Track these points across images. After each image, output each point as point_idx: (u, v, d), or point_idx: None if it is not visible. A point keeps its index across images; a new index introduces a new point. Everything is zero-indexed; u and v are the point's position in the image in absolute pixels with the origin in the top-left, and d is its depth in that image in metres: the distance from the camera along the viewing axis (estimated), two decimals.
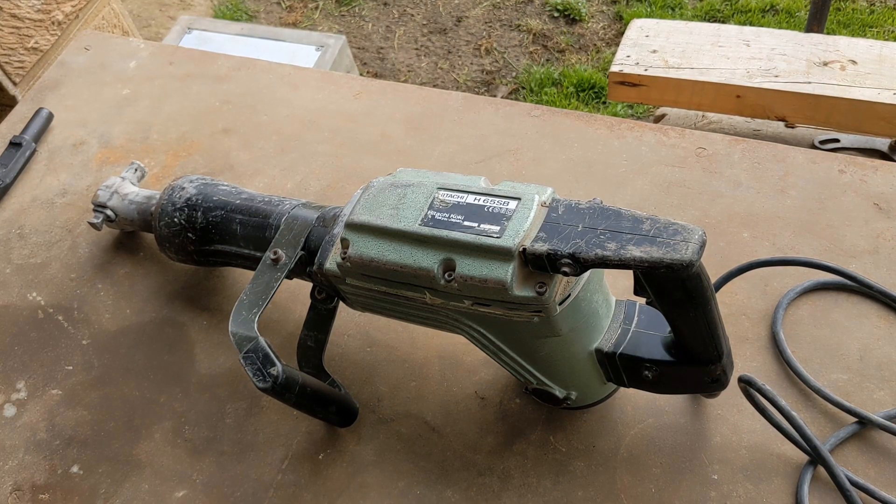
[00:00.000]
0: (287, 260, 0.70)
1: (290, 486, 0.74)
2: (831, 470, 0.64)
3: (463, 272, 0.59)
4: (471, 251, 0.59)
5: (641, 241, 0.54)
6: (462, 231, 0.59)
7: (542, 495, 0.70)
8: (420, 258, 0.60)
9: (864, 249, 0.82)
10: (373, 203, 0.64)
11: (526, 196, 0.59)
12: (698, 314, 0.58)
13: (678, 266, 0.52)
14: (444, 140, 0.99)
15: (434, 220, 0.60)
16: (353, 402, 0.74)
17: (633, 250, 0.54)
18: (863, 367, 0.74)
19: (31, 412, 0.81)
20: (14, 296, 0.91)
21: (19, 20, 1.58)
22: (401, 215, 0.62)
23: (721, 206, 0.88)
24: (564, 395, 0.69)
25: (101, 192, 0.89)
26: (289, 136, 1.03)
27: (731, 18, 2.42)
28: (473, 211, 0.60)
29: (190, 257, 0.83)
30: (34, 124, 1.06)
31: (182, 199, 0.80)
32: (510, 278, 0.57)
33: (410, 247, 0.61)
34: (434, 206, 0.61)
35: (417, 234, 0.60)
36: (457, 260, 0.59)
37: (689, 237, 0.53)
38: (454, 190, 0.62)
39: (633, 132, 0.96)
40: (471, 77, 2.43)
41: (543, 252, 0.56)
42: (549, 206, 0.59)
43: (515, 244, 0.57)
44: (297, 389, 0.66)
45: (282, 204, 0.76)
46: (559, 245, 0.56)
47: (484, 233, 0.58)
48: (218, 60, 1.15)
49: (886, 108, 1.31)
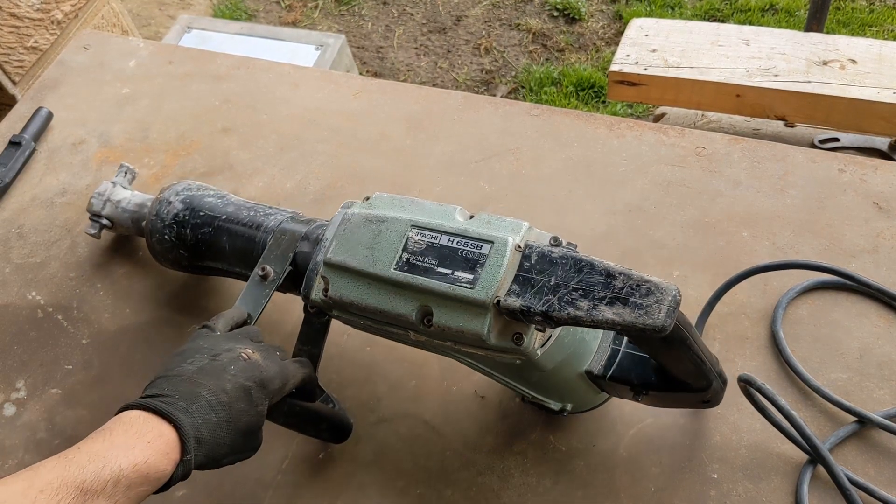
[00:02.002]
0: (276, 276, 0.71)
1: (290, 486, 0.73)
2: (831, 469, 0.64)
3: (440, 322, 0.58)
4: (446, 300, 0.58)
5: (614, 301, 0.53)
6: (436, 279, 0.58)
7: (542, 495, 0.70)
8: (397, 304, 0.60)
9: (863, 248, 0.82)
10: (349, 240, 0.63)
11: (499, 240, 0.58)
12: (681, 355, 0.59)
13: (651, 330, 0.52)
14: (443, 139, 0.99)
15: (409, 265, 0.60)
16: (345, 418, 0.72)
17: (605, 311, 0.53)
18: (862, 366, 0.74)
19: (30, 411, 0.81)
20: (14, 295, 0.91)
21: (19, 19, 1.58)
22: (376, 257, 0.61)
23: (721, 205, 0.88)
24: (560, 408, 0.69)
25: (94, 201, 0.88)
26: (288, 136, 1.03)
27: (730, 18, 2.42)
28: (447, 255, 0.59)
29: (186, 270, 0.83)
30: (33, 123, 1.06)
31: (170, 216, 0.80)
32: (486, 330, 0.57)
33: (387, 292, 0.61)
34: (408, 247, 0.61)
35: (393, 279, 0.60)
36: (433, 308, 0.59)
37: (662, 298, 0.52)
38: (428, 229, 0.61)
39: (632, 131, 0.96)
40: (470, 76, 2.43)
41: (517, 307, 0.56)
42: (522, 250, 0.58)
43: (489, 297, 0.56)
44: (284, 409, 0.65)
45: (268, 218, 0.76)
46: (532, 301, 0.55)
47: (458, 281, 0.58)
48: (217, 60, 1.14)
49: (886, 108, 1.31)
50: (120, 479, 0.49)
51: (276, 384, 0.60)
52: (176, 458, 0.52)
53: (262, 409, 0.58)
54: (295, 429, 0.69)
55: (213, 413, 0.55)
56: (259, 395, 0.58)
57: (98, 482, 0.48)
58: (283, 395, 0.62)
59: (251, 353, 0.60)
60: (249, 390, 0.57)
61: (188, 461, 0.52)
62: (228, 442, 0.56)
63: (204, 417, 0.54)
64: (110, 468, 0.49)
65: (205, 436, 0.54)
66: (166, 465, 0.51)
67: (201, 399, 0.55)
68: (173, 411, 0.53)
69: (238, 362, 0.59)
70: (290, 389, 0.63)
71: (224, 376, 0.57)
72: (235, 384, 0.57)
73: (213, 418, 0.55)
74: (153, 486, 0.51)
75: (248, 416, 0.57)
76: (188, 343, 0.61)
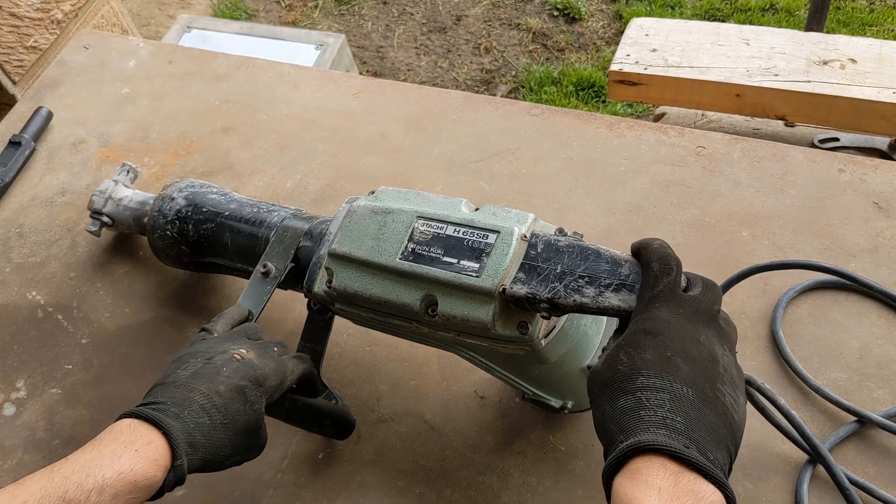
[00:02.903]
0: (277, 273, 0.71)
1: (290, 485, 0.73)
2: (831, 469, 0.64)
3: (445, 310, 0.58)
4: (451, 289, 0.58)
5: (620, 288, 0.54)
6: (442, 267, 0.58)
7: (542, 494, 0.70)
8: (402, 294, 0.60)
9: (863, 248, 0.82)
10: (354, 231, 0.63)
11: (505, 229, 0.58)
12: None
13: None
14: (443, 139, 0.99)
15: (414, 255, 0.60)
16: (349, 414, 0.72)
17: (611, 298, 0.54)
18: (862, 365, 0.74)
19: (30, 411, 0.81)
20: (13, 295, 0.91)
21: (18, 19, 1.58)
22: (381, 248, 0.61)
23: (720, 204, 0.88)
24: (561, 405, 0.69)
25: (95, 199, 0.88)
26: (288, 135, 1.03)
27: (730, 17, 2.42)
28: (452, 244, 0.59)
29: (187, 267, 0.83)
30: (33, 123, 1.06)
31: (172, 212, 0.80)
32: (491, 319, 0.57)
33: (392, 282, 0.61)
34: (414, 237, 0.61)
35: (398, 269, 0.60)
36: (438, 297, 0.59)
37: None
38: (433, 220, 0.61)
39: (632, 131, 0.96)
40: (470, 76, 2.43)
41: (522, 295, 0.56)
42: (528, 240, 0.58)
43: (495, 285, 0.56)
44: (286, 405, 0.65)
45: (270, 214, 0.76)
46: (538, 288, 0.55)
47: (463, 270, 0.58)
48: (217, 59, 1.14)
49: (886, 107, 1.30)
50: (104, 488, 0.49)
51: (273, 381, 0.60)
52: (166, 464, 0.52)
53: (258, 406, 0.58)
54: (298, 425, 0.69)
55: (207, 416, 0.55)
56: (255, 393, 0.58)
57: (81, 492, 0.48)
58: (282, 391, 0.62)
59: (245, 352, 0.60)
60: (244, 389, 0.57)
61: (179, 466, 0.52)
62: (228, 443, 0.56)
63: (196, 421, 0.54)
64: (94, 478, 0.49)
65: (199, 439, 0.54)
66: (156, 471, 0.51)
67: (194, 403, 0.55)
68: (162, 418, 0.53)
69: (231, 363, 0.59)
70: (289, 385, 0.63)
71: (217, 378, 0.57)
72: (229, 385, 0.57)
73: (208, 421, 0.55)
74: (144, 493, 0.51)
75: (245, 416, 0.57)
76: (186, 349, 0.62)
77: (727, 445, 0.45)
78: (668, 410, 0.44)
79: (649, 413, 0.45)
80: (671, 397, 0.45)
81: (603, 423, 0.48)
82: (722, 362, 0.49)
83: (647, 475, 0.42)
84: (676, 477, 0.41)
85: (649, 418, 0.44)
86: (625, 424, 0.45)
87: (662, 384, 0.46)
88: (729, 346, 0.51)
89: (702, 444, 0.43)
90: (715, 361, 0.48)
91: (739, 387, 0.49)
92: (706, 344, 0.49)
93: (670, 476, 0.42)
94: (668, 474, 0.42)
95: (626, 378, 0.47)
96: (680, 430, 0.43)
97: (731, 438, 0.46)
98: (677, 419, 0.44)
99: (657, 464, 0.42)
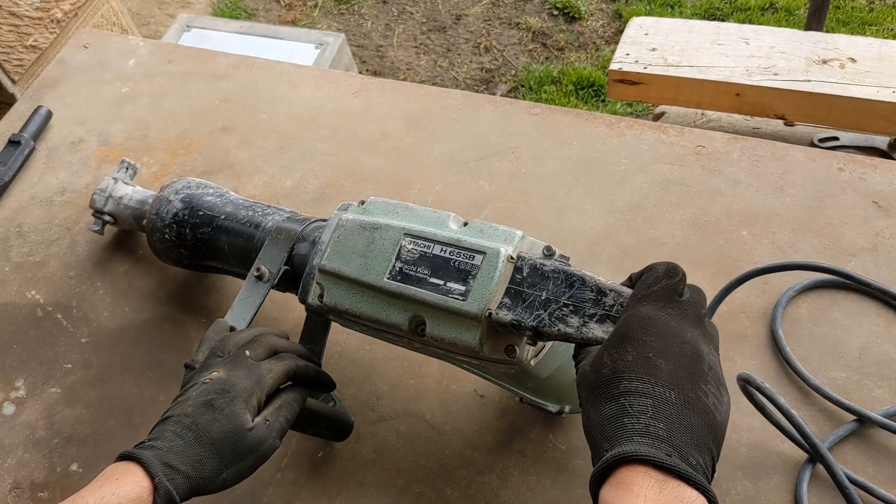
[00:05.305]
0: (271, 276, 0.71)
1: (290, 484, 0.73)
2: (830, 468, 0.64)
3: (433, 332, 0.59)
4: (439, 311, 0.58)
5: (604, 319, 0.54)
6: (429, 289, 0.59)
7: (542, 493, 0.70)
8: (391, 314, 0.60)
9: (863, 247, 0.82)
10: (343, 247, 0.63)
11: (491, 250, 0.58)
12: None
13: None
14: (443, 138, 0.99)
15: (402, 275, 0.60)
16: (347, 416, 0.72)
17: (594, 329, 0.54)
18: (862, 364, 0.74)
19: (30, 410, 0.81)
20: (13, 294, 0.91)
21: (18, 18, 1.58)
22: (369, 266, 0.61)
23: (720, 204, 0.88)
24: (558, 409, 0.69)
25: (96, 198, 0.88)
26: (288, 135, 1.03)
27: (730, 16, 2.42)
28: (439, 265, 0.59)
29: (188, 268, 0.84)
30: (33, 122, 1.06)
31: (169, 215, 0.80)
32: (478, 342, 0.57)
33: (381, 301, 0.61)
34: (401, 256, 0.61)
35: (386, 289, 0.60)
36: (426, 318, 0.59)
37: None
38: (421, 238, 0.61)
39: (632, 130, 0.96)
40: (470, 75, 2.43)
41: (508, 321, 0.56)
42: (514, 261, 0.58)
43: (480, 310, 0.56)
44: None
45: (266, 217, 0.76)
46: (522, 315, 0.56)
47: (450, 293, 0.58)
48: (217, 58, 1.14)
49: (886, 106, 1.31)
50: None
51: (244, 384, 0.60)
52: (149, 485, 0.53)
53: (230, 410, 0.58)
54: (292, 427, 0.69)
55: (180, 438, 0.57)
56: (222, 400, 0.59)
57: None
58: (264, 390, 0.61)
59: (215, 373, 0.61)
60: (211, 401, 0.58)
61: (160, 484, 0.53)
62: (210, 456, 0.57)
63: (169, 446, 0.56)
64: None
65: (174, 461, 0.55)
66: (140, 492, 0.53)
67: (166, 432, 0.57)
68: (136, 451, 0.55)
69: (200, 387, 0.60)
70: (270, 385, 0.62)
71: (186, 403, 0.59)
72: (196, 403, 0.59)
73: (181, 442, 0.56)
74: None
75: (217, 423, 0.57)
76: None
77: (709, 447, 0.46)
78: (651, 417, 0.45)
79: (632, 420, 0.46)
80: (653, 402, 0.46)
81: (589, 429, 0.49)
82: (707, 360, 0.49)
83: (632, 484, 0.43)
84: (661, 485, 0.43)
85: (632, 426, 0.46)
86: (609, 433, 0.46)
87: (644, 388, 0.47)
88: (714, 346, 0.52)
89: (684, 449, 0.44)
90: (700, 359, 0.49)
91: (723, 385, 0.50)
92: (691, 342, 0.49)
93: (655, 484, 0.43)
94: (652, 483, 0.43)
95: (609, 382, 0.48)
96: (662, 437, 0.45)
97: (714, 439, 0.47)
98: (660, 426, 0.45)
99: (641, 473, 0.43)
